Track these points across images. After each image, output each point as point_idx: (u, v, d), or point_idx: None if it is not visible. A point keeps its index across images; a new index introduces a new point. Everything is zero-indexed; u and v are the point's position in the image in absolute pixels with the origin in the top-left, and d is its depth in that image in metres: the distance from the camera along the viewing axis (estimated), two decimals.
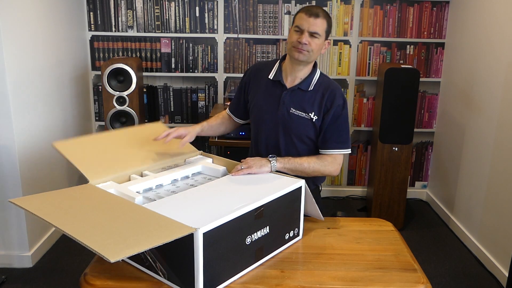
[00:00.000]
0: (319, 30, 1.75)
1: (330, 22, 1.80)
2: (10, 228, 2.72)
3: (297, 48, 1.77)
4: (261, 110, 1.93)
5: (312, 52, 1.77)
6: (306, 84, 1.84)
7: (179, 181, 1.67)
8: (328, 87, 1.84)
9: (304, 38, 1.74)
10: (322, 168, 1.78)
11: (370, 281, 1.34)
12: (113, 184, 1.52)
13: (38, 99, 2.87)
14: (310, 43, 1.75)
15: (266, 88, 1.92)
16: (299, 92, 1.84)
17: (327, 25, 1.77)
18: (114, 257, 1.03)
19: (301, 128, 1.85)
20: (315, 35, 1.75)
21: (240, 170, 1.62)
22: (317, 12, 1.75)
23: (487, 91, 2.98)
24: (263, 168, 1.63)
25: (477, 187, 3.08)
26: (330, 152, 1.82)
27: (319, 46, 1.79)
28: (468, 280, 2.76)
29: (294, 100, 1.85)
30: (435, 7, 3.66)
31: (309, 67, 1.86)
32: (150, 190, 1.58)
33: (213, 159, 1.83)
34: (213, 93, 3.79)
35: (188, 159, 1.82)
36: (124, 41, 3.67)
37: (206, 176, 1.74)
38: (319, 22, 1.74)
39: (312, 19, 1.74)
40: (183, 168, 1.72)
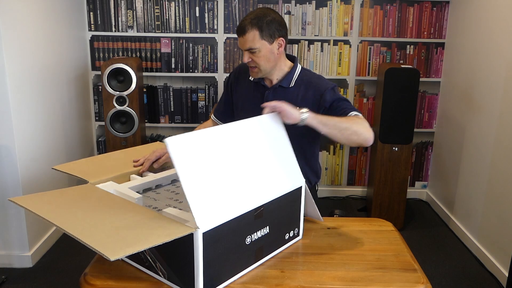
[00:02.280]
0: (251, 45, 1.68)
1: (265, 24, 1.68)
2: (10, 228, 2.72)
3: (249, 68, 1.77)
4: (247, 112, 1.88)
5: (260, 65, 1.73)
6: (287, 81, 1.81)
7: (178, 181, 1.67)
8: (310, 81, 1.80)
9: (245, 58, 1.72)
10: (361, 129, 1.57)
11: (370, 281, 1.34)
12: (113, 184, 1.52)
13: (38, 99, 2.87)
14: (253, 59, 1.71)
15: (248, 90, 1.91)
16: (281, 89, 1.82)
17: (260, 32, 1.67)
18: (114, 256, 1.03)
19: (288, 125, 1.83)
20: (252, 51, 1.70)
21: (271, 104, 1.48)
22: (243, 27, 1.67)
23: (487, 91, 2.98)
24: (293, 115, 1.47)
25: (477, 187, 3.08)
26: (353, 114, 1.67)
27: (265, 56, 1.71)
28: (468, 280, 2.76)
29: (277, 98, 1.79)
30: (435, 7, 3.66)
31: (282, 68, 1.81)
32: (150, 190, 1.58)
33: None
34: (213, 93, 3.79)
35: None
36: (124, 41, 3.67)
37: None
38: (248, 37, 1.67)
39: (241, 38, 1.69)
40: None
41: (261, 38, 1.68)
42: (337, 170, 3.98)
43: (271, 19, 1.69)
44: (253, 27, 1.66)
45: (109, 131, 3.30)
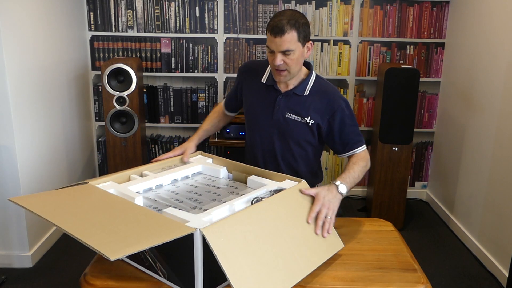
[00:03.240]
0: (289, 46, 1.64)
1: (301, 26, 1.66)
2: (10, 228, 2.72)
3: (276, 70, 1.72)
4: (255, 114, 1.90)
5: (290, 68, 1.71)
6: (301, 88, 1.79)
7: (179, 181, 1.67)
8: (325, 92, 1.79)
9: (277, 60, 1.66)
10: (366, 168, 1.79)
11: (370, 281, 1.34)
12: (113, 184, 1.52)
13: (38, 99, 2.87)
14: (286, 62, 1.68)
15: (259, 92, 1.88)
16: (294, 96, 1.80)
17: (297, 34, 1.65)
18: (114, 255, 1.03)
19: (297, 132, 1.82)
20: (287, 52, 1.66)
21: (322, 221, 1.44)
22: (281, 28, 1.61)
23: (487, 91, 2.98)
24: (338, 202, 1.54)
25: (477, 187, 3.08)
26: (357, 151, 1.80)
27: (297, 58, 1.70)
28: (468, 280, 2.76)
29: (289, 105, 1.81)
30: (435, 7, 3.66)
31: (300, 74, 1.80)
32: (150, 190, 1.58)
33: (213, 159, 1.83)
34: (213, 93, 3.79)
35: (188, 159, 1.82)
36: (124, 41, 3.67)
37: (206, 176, 1.74)
38: (286, 38, 1.63)
39: (278, 38, 1.63)
40: (183, 168, 1.72)
41: (298, 40, 1.66)
42: (337, 170, 3.98)
43: (305, 21, 1.68)
44: (292, 28, 1.63)
45: (109, 131, 3.30)
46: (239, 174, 1.69)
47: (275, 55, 1.67)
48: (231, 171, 1.74)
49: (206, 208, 1.41)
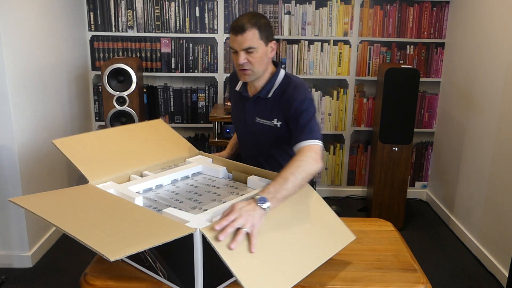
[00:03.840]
0: (251, 44, 1.66)
1: (263, 25, 1.67)
2: (10, 228, 2.72)
3: (240, 70, 1.73)
4: (235, 122, 1.97)
5: (254, 67, 1.71)
6: (265, 91, 1.79)
7: (179, 181, 1.67)
8: (286, 91, 1.75)
9: (240, 59, 1.68)
10: (306, 168, 1.48)
11: (370, 281, 1.34)
12: (113, 184, 1.52)
13: (38, 99, 2.87)
14: (249, 60, 1.69)
15: (235, 99, 1.94)
16: (260, 100, 1.81)
17: (259, 32, 1.67)
18: (114, 256, 1.03)
19: (270, 136, 1.81)
20: (250, 50, 1.67)
21: (237, 234, 1.20)
22: (242, 26, 1.64)
23: (487, 91, 2.98)
24: (258, 218, 1.26)
25: (477, 187, 3.08)
26: (302, 145, 1.61)
27: (260, 57, 1.70)
28: (468, 280, 2.76)
29: (257, 109, 1.82)
30: (435, 7, 3.66)
31: (267, 75, 1.79)
32: (150, 190, 1.58)
33: (212, 159, 1.83)
34: (213, 93, 3.79)
35: (188, 159, 1.82)
36: (124, 41, 3.67)
37: (206, 176, 1.74)
38: (248, 35, 1.65)
39: (239, 36, 1.65)
40: (183, 168, 1.72)
41: (260, 38, 1.68)
42: (337, 170, 3.98)
43: (266, 21, 1.70)
44: (253, 26, 1.66)
45: None
46: (239, 174, 1.69)
47: (238, 54, 1.69)
48: (231, 171, 1.74)
49: (206, 208, 1.41)
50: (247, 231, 1.19)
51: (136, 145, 1.78)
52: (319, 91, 3.79)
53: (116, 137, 1.78)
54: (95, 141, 1.70)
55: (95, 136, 1.74)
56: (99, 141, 1.71)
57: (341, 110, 3.83)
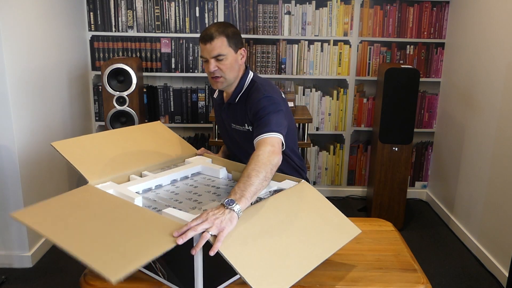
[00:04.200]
0: (220, 51, 1.70)
1: (230, 33, 1.72)
2: (10, 228, 2.72)
3: (212, 78, 1.77)
4: (219, 128, 2.02)
5: (225, 74, 1.74)
6: (234, 97, 1.83)
7: (178, 182, 1.67)
8: (248, 95, 1.78)
9: (211, 67, 1.72)
10: (265, 160, 1.44)
11: (370, 281, 1.34)
12: (113, 185, 1.52)
13: (38, 99, 2.87)
14: (220, 68, 1.73)
15: (215, 108, 2.00)
16: (231, 106, 1.85)
17: (227, 39, 1.70)
18: (116, 277, 1.02)
19: (247, 140, 1.82)
20: (220, 57, 1.71)
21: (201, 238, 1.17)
22: (210, 34, 1.68)
23: (487, 91, 2.98)
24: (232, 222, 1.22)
25: (477, 187, 3.08)
26: (258, 139, 1.60)
27: (231, 64, 1.74)
28: (468, 280, 2.76)
29: (230, 115, 1.86)
30: (435, 7, 3.66)
31: (237, 81, 1.82)
32: (150, 190, 1.58)
33: (212, 159, 1.83)
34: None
35: (187, 160, 1.82)
36: (124, 41, 3.67)
37: (205, 176, 1.74)
38: (216, 43, 1.69)
39: (208, 44, 1.69)
40: (182, 169, 1.72)
41: (228, 45, 1.72)
42: (337, 170, 3.98)
43: (234, 29, 1.75)
44: (221, 34, 1.70)
45: None
46: (239, 174, 1.69)
47: (209, 62, 1.73)
48: (230, 171, 1.75)
49: (205, 208, 1.41)
50: (212, 234, 1.17)
51: (135, 146, 1.78)
52: (319, 91, 3.79)
53: (114, 138, 1.78)
54: (93, 143, 1.70)
55: (93, 138, 1.74)
56: (97, 143, 1.71)
57: (341, 110, 3.83)
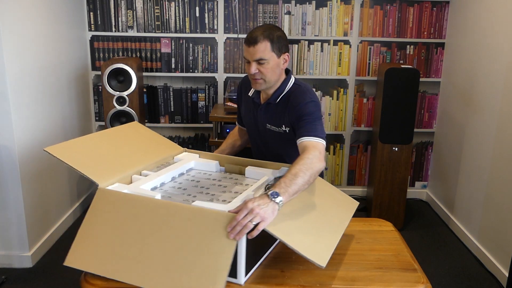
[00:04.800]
0: (262, 55, 1.72)
1: (275, 38, 1.73)
2: (10, 228, 2.72)
3: (252, 79, 1.79)
4: (247, 126, 2.02)
5: (266, 77, 1.76)
6: (275, 97, 1.85)
7: (177, 178, 1.69)
8: (291, 97, 1.80)
9: (251, 69, 1.74)
10: (312, 165, 1.50)
11: (370, 281, 1.34)
12: (123, 186, 1.50)
13: (38, 99, 2.87)
14: (260, 71, 1.74)
15: (247, 105, 1.99)
16: (270, 106, 1.87)
17: (271, 44, 1.72)
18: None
19: (280, 141, 1.87)
20: (261, 61, 1.73)
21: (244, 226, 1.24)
22: (255, 38, 1.70)
23: (487, 91, 2.98)
24: (271, 213, 1.30)
25: (477, 187, 3.08)
26: (305, 141, 1.64)
27: (272, 68, 1.76)
28: (468, 280, 2.76)
29: (268, 116, 1.88)
30: (435, 7, 3.66)
31: (278, 84, 1.85)
32: (156, 188, 1.58)
33: (199, 155, 1.87)
34: (213, 93, 3.79)
35: (176, 157, 1.85)
36: (124, 41, 3.67)
37: (200, 171, 1.77)
38: (259, 47, 1.71)
39: (252, 48, 1.71)
40: (177, 165, 1.73)
41: (272, 50, 1.73)
42: (337, 170, 3.98)
43: (280, 34, 1.76)
44: (265, 39, 1.71)
45: None
46: (232, 167, 1.75)
47: (250, 64, 1.75)
48: (223, 164, 1.79)
49: (224, 199, 1.45)
50: (254, 223, 1.24)
51: (126, 146, 1.78)
52: (319, 91, 3.79)
53: (103, 141, 1.76)
54: (85, 146, 1.67)
55: (82, 141, 1.70)
56: (88, 146, 1.69)
57: (341, 110, 3.83)
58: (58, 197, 3.16)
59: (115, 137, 1.82)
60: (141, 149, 1.81)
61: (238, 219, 1.24)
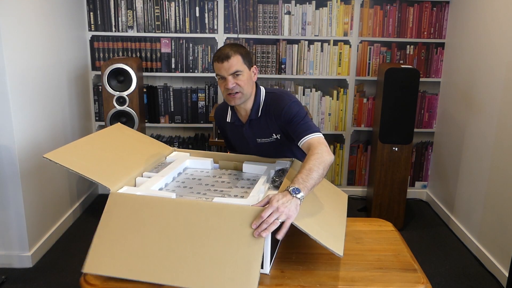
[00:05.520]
0: (237, 68, 1.77)
1: (244, 53, 1.81)
2: (10, 228, 2.72)
3: (230, 95, 1.82)
4: (240, 149, 2.06)
5: (243, 89, 1.81)
6: (254, 112, 1.90)
7: (177, 177, 1.71)
8: (271, 104, 1.87)
9: (229, 84, 1.78)
10: (324, 159, 1.54)
11: (370, 281, 1.34)
12: (133, 189, 1.48)
13: (38, 99, 2.87)
14: (238, 83, 1.79)
15: (231, 130, 2.04)
16: (253, 122, 1.92)
17: (242, 57, 1.79)
18: None
19: (273, 150, 1.92)
20: (237, 73, 1.78)
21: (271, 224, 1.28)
22: (227, 53, 1.77)
23: (487, 91, 2.98)
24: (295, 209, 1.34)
25: (477, 187, 3.08)
26: (309, 139, 1.69)
27: (247, 79, 1.81)
28: (468, 280, 2.76)
29: (255, 131, 1.92)
30: (435, 7, 3.66)
31: (252, 97, 1.90)
32: (162, 189, 1.59)
33: (190, 153, 1.89)
34: (213, 93, 3.79)
35: (168, 157, 1.86)
36: (124, 41, 3.67)
37: (197, 169, 1.80)
38: (233, 61, 1.76)
39: (226, 62, 1.76)
40: (174, 165, 1.74)
41: (243, 62, 1.80)
42: (337, 170, 3.98)
43: (246, 50, 1.85)
44: (236, 53, 1.78)
45: None
46: (227, 163, 1.79)
47: (226, 80, 1.79)
48: (217, 161, 1.82)
49: (236, 194, 1.49)
50: (281, 221, 1.29)
51: (120, 149, 1.76)
52: (319, 91, 3.79)
53: (96, 145, 1.73)
54: (83, 150, 1.64)
55: (77, 146, 1.66)
56: (86, 150, 1.65)
57: (341, 110, 3.83)
58: (58, 197, 3.16)
59: (106, 141, 1.80)
60: (134, 151, 1.81)
61: (264, 217, 1.27)
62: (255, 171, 1.72)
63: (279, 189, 1.48)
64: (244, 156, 1.84)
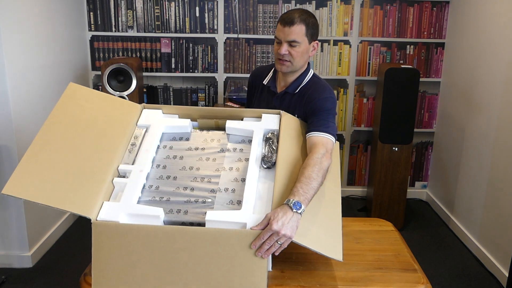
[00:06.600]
0: (296, 38, 1.70)
1: (311, 23, 1.73)
2: (10, 228, 2.72)
3: (279, 60, 1.76)
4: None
5: (294, 60, 1.75)
6: (293, 87, 1.82)
7: (156, 156, 1.55)
8: (310, 88, 1.79)
9: (282, 49, 1.72)
10: (322, 165, 1.49)
11: (370, 281, 1.34)
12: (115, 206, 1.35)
13: (38, 99, 2.87)
14: (290, 53, 1.73)
15: (261, 94, 1.95)
16: (286, 96, 1.84)
17: (306, 29, 1.71)
18: None
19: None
20: (293, 44, 1.71)
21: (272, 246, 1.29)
22: (292, 19, 1.69)
23: (487, 91, 2.98)
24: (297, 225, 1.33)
25: (477, 187, 3.08)
26: (315, 136, 1.61)
27: (302, 52, 1.75)
28: (468, 280, 2.76)
29: (283, 105, 1.84)
30: (435, 7, 3.66)
31: (299, 72, 1.83)
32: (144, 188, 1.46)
33: (162, 110, 1.69)
34: (213, 93, 3.79)
35: (139, 123, 1.63)
36: (124, 41, 3.67)
37: (175, 136, 1.63)
38: (295, 29, 1.69)
39: (287, 28, 1.69)
40: (148, 140, 1.56)
41: (305, 34, 1.72)
42: None
43: (315, 21, 1.76)
44: (302, 22, 1.70)
45: None
46: (207, 121, 1.66)
47: (281, 44, 1.73)
48: (194, 119, 1.67)
49: (226, 187, 1.43)
50: (280, 243, 1.29)
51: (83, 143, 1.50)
52: None
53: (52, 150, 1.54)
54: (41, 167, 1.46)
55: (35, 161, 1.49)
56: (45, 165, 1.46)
57: (341, 110, 3.83)
58: None
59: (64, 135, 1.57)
60: (100, 133, 1.52)
61: (264, 239, 1.27)
62: (239, 132, 1.59)
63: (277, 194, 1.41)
64: (222, 110, 1.66)
